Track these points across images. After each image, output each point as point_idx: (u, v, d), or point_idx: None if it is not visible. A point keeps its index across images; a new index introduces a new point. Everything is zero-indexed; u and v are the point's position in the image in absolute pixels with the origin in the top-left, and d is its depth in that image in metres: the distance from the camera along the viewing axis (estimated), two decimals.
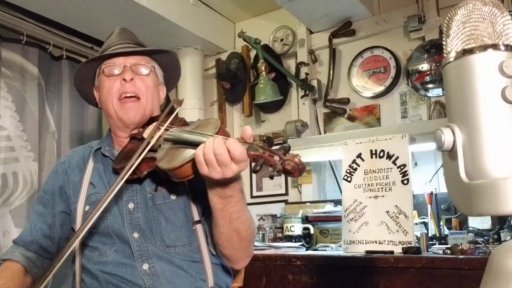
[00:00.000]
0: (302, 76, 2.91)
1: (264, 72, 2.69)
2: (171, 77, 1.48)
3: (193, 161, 1.06)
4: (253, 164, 0.99)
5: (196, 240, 1.25)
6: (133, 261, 1.20)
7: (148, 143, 1.17)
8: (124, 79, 1.28)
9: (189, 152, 1.08)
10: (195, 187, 1.25)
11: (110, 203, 1.24)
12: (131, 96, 1.30)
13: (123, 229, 1.23)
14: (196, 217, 1.26)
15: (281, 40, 3.12)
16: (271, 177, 0.97)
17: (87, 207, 1.29)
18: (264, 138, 1.01)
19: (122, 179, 1.13)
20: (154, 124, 1.27)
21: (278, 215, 2.70)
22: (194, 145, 1.07)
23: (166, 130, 1.21)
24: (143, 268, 1.19)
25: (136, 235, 1.22)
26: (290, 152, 0.98)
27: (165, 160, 1.13)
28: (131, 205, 1.25)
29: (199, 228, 1.26)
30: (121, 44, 1.35)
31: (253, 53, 3.10)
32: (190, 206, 1.26)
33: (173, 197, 1.25)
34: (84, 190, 1.31)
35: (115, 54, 1.32)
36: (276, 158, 0.96)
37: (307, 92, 2.88)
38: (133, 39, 1.40)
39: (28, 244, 1.33)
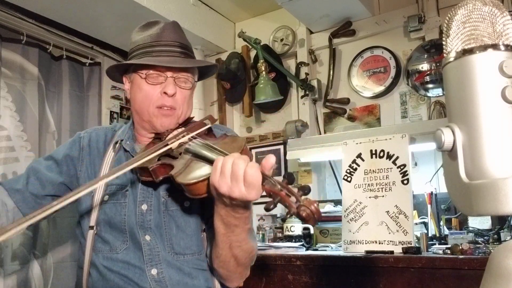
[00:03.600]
0: (302, 76, 2.91)
1: (264, 72, 2.69)
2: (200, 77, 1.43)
3: (208, 180, 1.02)
4: (268, 199, 0.95)
5: (204, 249, 1.24)
6: (143, 264, 1.19)
7: (166, 145, 1.13)
8: (166, 93, 1.22)
9: (206, 169, 1.06)
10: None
11: (128, 201, 1.22)
12: (167, 109, 1.25)
13: (135, 229, 1.21)
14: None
15: (281, 40, 3.12)
16: (283, 220, 0.95)
17: (106, 197, 1.25)
18: (285, 174, 0.97)
19: (131, 165, 1.08)
20: (180, 130, 1.23)
21: (278, 215, 2.71)
22: (213, 163, 1.04)
23: (190, 139, 1.18)
24: (152, 273, 1.18)
25: (148, 237, 1.21)
26: (308, 196, 0.93)
27: (182, 173, 1.09)
28: (144, 207, 1.23)
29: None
30: (170, 46, 1.25)
31: (253, 53, 3.10)
32: (202, 214, 1.24)
33: (186, 204, 1.23)
34: None
35: (163, 58, 1.23)
36: (293, 199, 0.92)
37: (307, 92, 2.88)
38: (180, 40, 1.28)
39: (14, 190, 1.26)
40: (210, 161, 1.07)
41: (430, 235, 2.15)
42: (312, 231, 2.40)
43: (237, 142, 1.15)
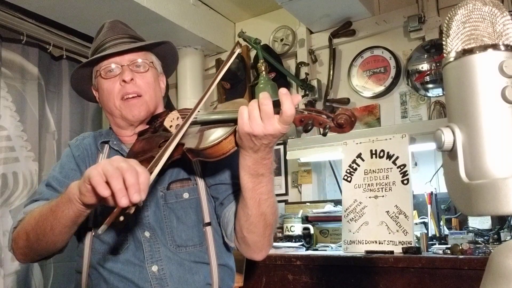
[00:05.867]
0: (302, 76, 2.91)
1: (264, 72, 2.69)
2: (169, 64, 1.45)
3: (231, 135, 1.04)
4: (301, 127, 0.98)
5: (205, 241, 1.24)
6: (143, 262, 1.19)
7: (172, 136, 1.11)
8: (124, 80, 1.24)
9: (223, 130, 1.07)
10: (211, 183, 1.24)
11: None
12: (133, 97, 1.26)
13: (135, 226, 1.22)
14: (207, 218, 1.24)
15: (281, 40, 3.12)
16: (324, 134, 0.96)
17: None
18: (306, 102, 1.01)
19: (191, 116, 1.10)
20: (174, 112, 1.24)
21: (278, 215, 2.70)
22: (228, 121, 1.05)
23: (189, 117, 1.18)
24: (152, 270, 1.18)
25: (147, 234, 1.21)
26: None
27: (198, 141, 1.09)
28: (140, 203, 1.23)
29: (208, 230, 1.24)
30: (114, 40, 1.29)
31: (253, 53, 3.10)
32: (202, 207, 1.24)
33: (185, 196, 1.23)
34: None
35: (110, 54, 1.27)
36: (324, 116, 0.96)
37: (307, 92, 2.88)
38: (126, 32, 1.33)
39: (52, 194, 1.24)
40: (224, 121, 1.07)
41: (430, 235, 2.15)
42: (312, 231, 2.40)
43: (240, 101, 1.13)
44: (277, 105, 0.97)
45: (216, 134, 1.07)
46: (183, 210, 1.23)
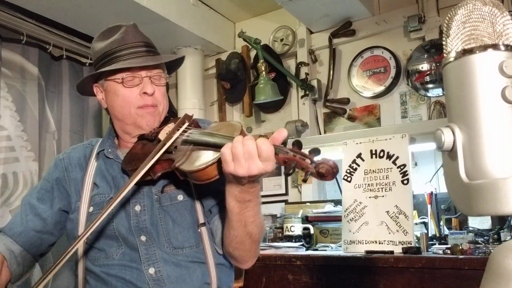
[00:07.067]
0: (302, 76, 2.91)
1: (264, 72, 2.69)
2: (169, 71, 1.45)
3: (217, 163, 1.04)
4: (284, 167, 0.99)
5: (201, 242, 1.24)
6: (140, 265, 1.19)
7: (164, 144, 1.14)
8: (146, 93, 1.25)
9: (211, 154, 1.07)
10: (201, 187, 1.23)
11: (115, 207, 1.22)
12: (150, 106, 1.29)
13: (129, 232, 1.21)
14: (201, 219, 1.25)
15: (281, 40, 3.12)
16: (305, 181, 0.97)
17: (91, 208, 1.26)
18: (294, 141, 1.02)
19: (133, 181, 1.10)
20: (170, 125, 1.26)
21: (278, 215, 2.71)
22: (217, 147, 1.06)
23: (183, 132, 1.19)
24: (149, 272, 1.18)
25: (143, 238, 1.21)
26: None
27: (186, 162, 1.10)
28: (137, 208, 1.23)
29: (204, 230, 1.25)
30: (136, 48, 1.28)
31: (253, 53, 3.10)
32: (196, 208, 1.25)
33: (180, 198, 1.24)
34: (87, 190, 1.29)
35: (134, 60, 1.26)
36: (308, 161, 0.97)
37: (307, 92, 2.89)
38: (144, 40, 1.32)
39: (17, 234, 1.28)
40: (213, 146, 1.08)
41: (430, 235, 2.15)
42: (312, 231, 2.40)
43: (234, 125, 1.15)
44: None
45: (203, 158, 1.08)
46: (178, 212, 1.23)
